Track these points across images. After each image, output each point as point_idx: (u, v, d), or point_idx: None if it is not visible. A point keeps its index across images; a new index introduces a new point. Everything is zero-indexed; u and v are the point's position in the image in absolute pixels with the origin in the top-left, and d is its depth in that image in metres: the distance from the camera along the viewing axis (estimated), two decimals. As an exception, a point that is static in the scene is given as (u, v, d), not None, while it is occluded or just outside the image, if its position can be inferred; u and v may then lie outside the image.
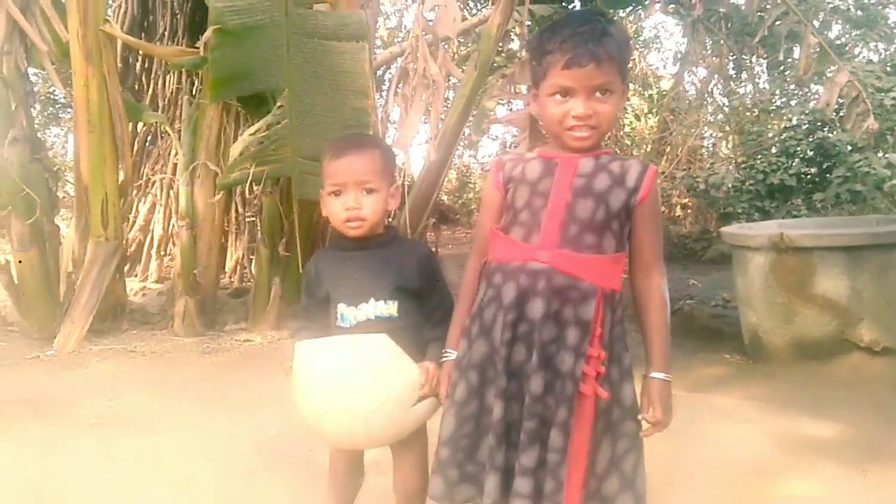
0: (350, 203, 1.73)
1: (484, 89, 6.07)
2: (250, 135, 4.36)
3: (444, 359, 1.72)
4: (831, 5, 9.37)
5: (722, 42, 9.19)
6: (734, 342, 4.83)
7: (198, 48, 4.65)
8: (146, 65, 7.12)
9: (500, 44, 5.98)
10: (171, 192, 6.80)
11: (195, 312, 4.90)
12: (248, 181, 4.43)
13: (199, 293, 5.00)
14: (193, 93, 5.40)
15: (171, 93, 6.95)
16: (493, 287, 1.63)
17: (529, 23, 5.93)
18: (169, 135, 6.86)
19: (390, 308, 1.75)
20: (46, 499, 2.50)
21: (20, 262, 4.63)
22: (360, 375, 1.61)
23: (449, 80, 6.27)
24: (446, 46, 4.39)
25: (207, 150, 4.95)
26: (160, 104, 6.88)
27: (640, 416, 1.62)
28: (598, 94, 1.56)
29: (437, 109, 4.43)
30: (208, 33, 4.46)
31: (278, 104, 4.39)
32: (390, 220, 1.96)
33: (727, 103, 10.00)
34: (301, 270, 4.89)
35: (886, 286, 4.12)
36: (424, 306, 1.79)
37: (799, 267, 4.22)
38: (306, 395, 1.66)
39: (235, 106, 5.07)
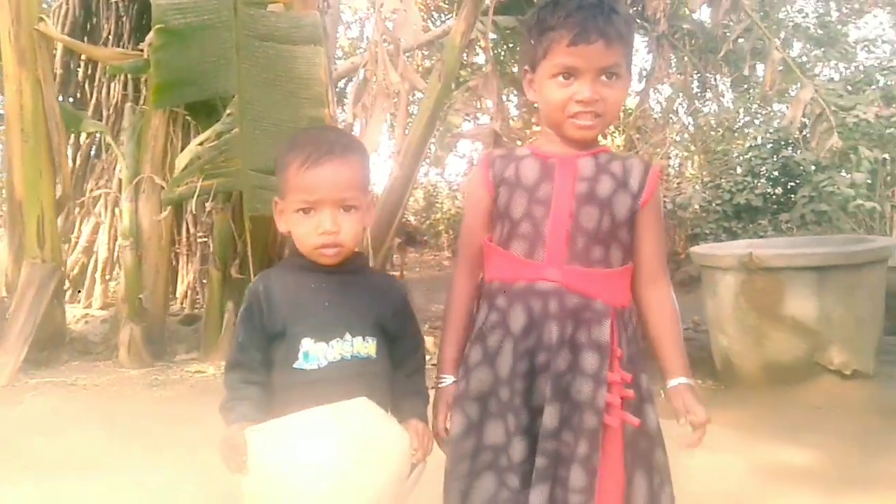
0: (326, 226, 1.40)
1: (449, 104, 5.96)
2: (198, 145, 4.12)
3: (441, 383, 1.55)
4: (793, 23, 9.55)
5: (686, 59, 9.29)
6: (706, 367, 4.80)
7: (141, 50, 4.43)
8: (89, 71, 6.81)
9: (465, 56, 5.85)
10: (117, 210, 6.44)
11: (142, 341, 4.67)
12: (196, 196, 4.18)
13: (146, 320, 4.76)
14: (139, 100, 5.12)
15: (117, 101, 6.64)
16: (496, 310, 1.47)
17: (494, 35, 5.84)
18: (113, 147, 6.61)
19: (369, 346, 1.44)
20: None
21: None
22: (351, 457, 1.29)
23: (413, 94, 6.14)
24: (409, 56, 4.23)
25: (153, 162, 4.71)
26: (104, 113, 6.57)
27: (681, 422, 1.49)
28: (604, 77, 1.44)
29: (400, 121, 4.26)
30: (152, 35, 4.25)
31: (228, 112, 4.17)
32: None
33: (692, 122, 10.10)
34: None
35: (855, 307, 4.16)
36: (397, 351, 1.51)
37: (769, 287, 4.25)
38: (293, 492, 1.27)
39: (183, 114, 4.82)
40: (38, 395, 4.07)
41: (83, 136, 6.61)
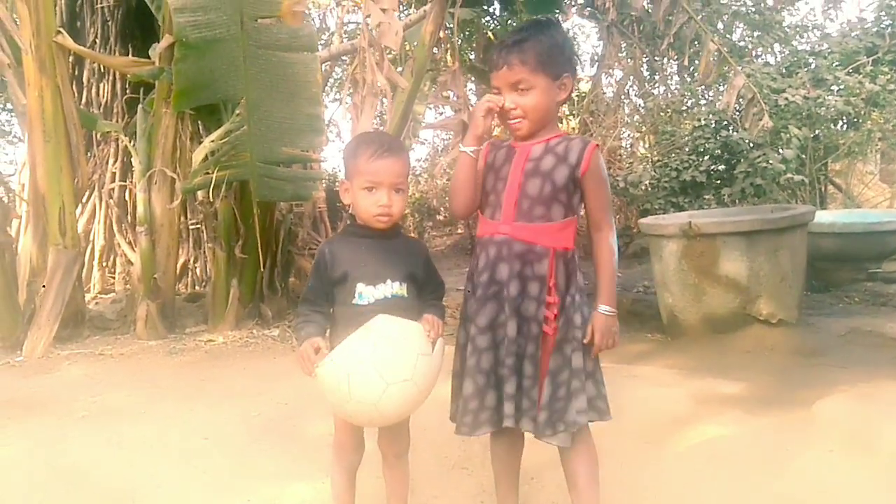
0: (383, 201, 1.93)
1: (419, 97, 6.40)
2: (211, 141, 4.63)
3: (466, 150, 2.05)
4: (733, 9, 9.95)
5: (635, 45, 9.67)
6: (654, 322, 5.34)
7: (150, 59, 4.88)
8: (76, 73, 7.08)
9: (436, 52, 6.34)
10: (112, 202, 6.86)
11: (157, 316, 5.07)
12: (212, 185, 4.68)
13: (160, 297, 5.16)
14: (142, 102, 5.48)
15: (106, 101, 7.03)
16: (475, 256, 2.08)
17: (451, 26, 6.30)
18: (106, 143, 6.97)
19: (403, 289, 1.97)
20: (63, 480, 2.68)
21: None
22: (382, 348, 1.81)
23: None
24: (388, 55, 4.75)
25: (163, 157, 5.12)
26: (96, 113, 6.85)
27: (585, 340, 1.99)
28: (518, 90, 1.97)
29: (391, 117, 4.79)
30: (163, 44, 4.77)
31: (237, 112, 4.67)
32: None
33: (643, 104, 10.44)
34: (262, 269, 5.18)
35: (779, 265, 4.69)
36: (424, 290, 2.04)
37: (706, 251, 4.73)
38: (360, 388, 1.79)
39: (189, 114, 5.26)
40: (72, 364, 4.42)
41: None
